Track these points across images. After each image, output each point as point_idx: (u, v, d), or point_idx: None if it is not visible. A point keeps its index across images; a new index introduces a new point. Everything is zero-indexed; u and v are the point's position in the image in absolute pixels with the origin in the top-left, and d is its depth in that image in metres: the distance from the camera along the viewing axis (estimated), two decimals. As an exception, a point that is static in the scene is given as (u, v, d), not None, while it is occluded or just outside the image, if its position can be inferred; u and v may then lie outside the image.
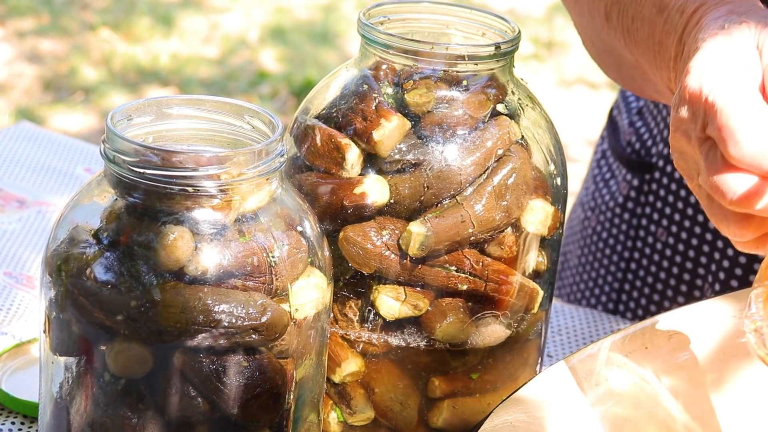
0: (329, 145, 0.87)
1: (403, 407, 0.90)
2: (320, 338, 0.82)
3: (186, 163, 0.75)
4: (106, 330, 0.75)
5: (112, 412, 0.77)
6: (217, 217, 0.76)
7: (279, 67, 3.81)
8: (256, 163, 0.76)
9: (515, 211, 0.88)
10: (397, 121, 0.86)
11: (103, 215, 0.77)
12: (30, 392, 0.97)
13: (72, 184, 1.36)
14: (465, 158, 0.87)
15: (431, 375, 0.89)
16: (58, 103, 3.50)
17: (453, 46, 0.87)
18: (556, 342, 1.15)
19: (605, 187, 1.36)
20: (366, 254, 0.86)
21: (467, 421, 0.90)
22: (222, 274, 0.75)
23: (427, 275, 0.87)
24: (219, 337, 0.75)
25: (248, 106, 0.81)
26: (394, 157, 0.87)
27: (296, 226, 0.80)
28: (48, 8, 4.04)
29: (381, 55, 0.88)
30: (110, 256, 0.76)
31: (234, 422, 0.77)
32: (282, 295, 0.78)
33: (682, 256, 1.26)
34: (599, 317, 1.20)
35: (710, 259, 1.23)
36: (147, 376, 0.76)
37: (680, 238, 1.25)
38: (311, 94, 0.92)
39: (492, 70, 0.88)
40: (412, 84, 0.87)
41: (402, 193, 0.86)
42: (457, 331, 0.88)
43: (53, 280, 0.77)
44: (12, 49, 3.78)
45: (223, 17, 4.13)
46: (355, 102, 0.88)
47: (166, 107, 0.81)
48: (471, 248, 0.87)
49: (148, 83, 3.65)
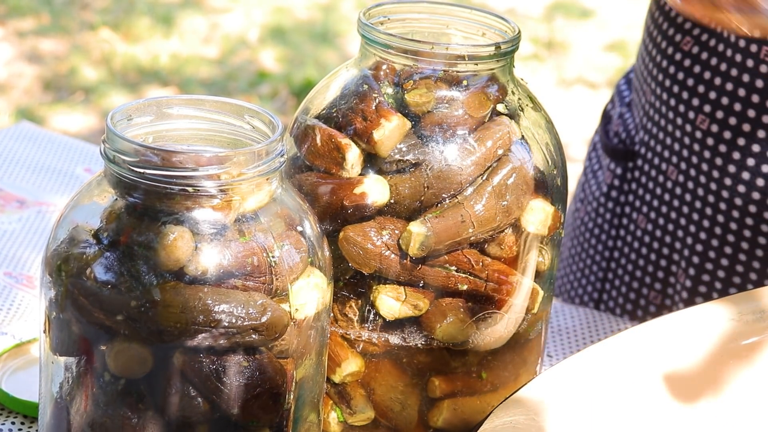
0: (329, 145, 0.87)
1: (403, 407, 0.90)
2: (320, 338, 0.82)
3: (186, 163, 0.75)
4: (106, 330, 0.75)
5: (112, 412, 0.77)
6: (217, 217, 0.76)
7: (279, 67, 3.81)
8: (256, 163, 0.76)
9: (515, 211, 0.88)
10: (397, 121, 0.86)
11: (103, 215, 0.77)
12: (30, 392, 0.97)
13: (72, 184, 1.36)
14: (465, 158, 0.87)
15: (431, 375, 0.89)
16: (58, 103, 3.50)
17: (453, 46, 0.87)
18: (556, 342, 1.15)
19: (593, 177, 1.38)
20: (366, 254, 0.86)
21: (467, 421, 0.90)
22: (222, 274, 0.75)
23: (427, 275, 0.87)
24: (219, 337, 0.75)
25: (248, 106, 0.81)
26: (394, 157, 0.87)
27: (296, 226, 0.80)
28: (48, 8, 4.04)
29: (381, 55, 0.88)
30: (110, 256, 0.76)
31: (234, 422, 0.77)
32: (282, 295, 0.78)
33: (660, 242, 1.27)
34: (599, 317, 1.20)
35: (684, 244, 1.24)
36: (147, 376, 0.76)
37: (658, 224, 1.27)
38: (311, 94, 0.92)
39: (492, 70, 0.88)
40: (412, 84, 0.87)
41: (402, 193, 0.86)
42: (457, 331, 0.88)
43: (53, 280, 0.77)
44: (12, 49, 3.78)
45: (223, 17, 4.13)
46: (355, 102, 0.88)
47: (166, 107, 0.81)
48: (471, 248, 0.87)
49: (148, 83, 3.65)
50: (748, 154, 1.15)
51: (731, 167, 1.17)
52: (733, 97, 1.16)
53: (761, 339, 0.90)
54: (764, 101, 1.15)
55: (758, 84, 1.14)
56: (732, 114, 1.17)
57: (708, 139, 1.18)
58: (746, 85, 1.15)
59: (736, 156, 1.17)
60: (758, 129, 1.14)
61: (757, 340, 0.90)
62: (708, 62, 1.19)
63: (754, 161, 1.15)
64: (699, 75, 1.19)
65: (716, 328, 0.91)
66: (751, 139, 1.15)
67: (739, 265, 1.19)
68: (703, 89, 1.19)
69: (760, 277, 1.19)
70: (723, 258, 1.20)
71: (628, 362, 0.88)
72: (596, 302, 1.36)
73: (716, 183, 1.19)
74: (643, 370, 0.88)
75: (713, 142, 1.18)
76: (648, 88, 1.26)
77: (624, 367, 0.88)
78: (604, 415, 0.86)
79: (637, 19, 4.27)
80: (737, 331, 0.90)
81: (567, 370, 0.87)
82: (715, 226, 1.20)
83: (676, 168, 1.22)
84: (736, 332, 0.90)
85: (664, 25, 1.24)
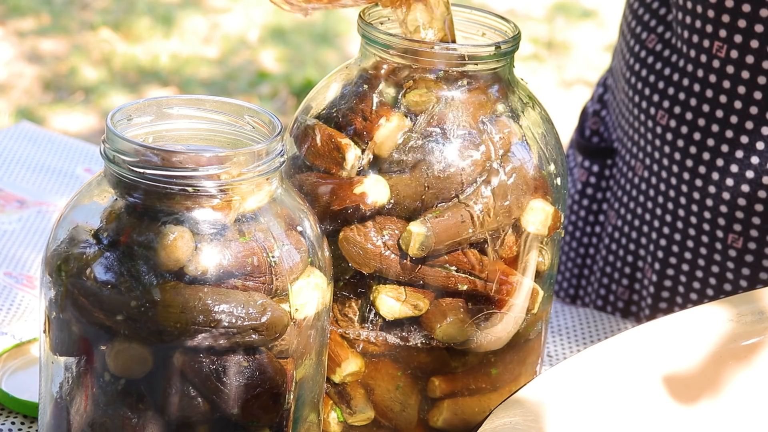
0: (329, 145, 0.87)
1: (403, 407, 0.90)
2: (320, 338, 0.82)
3: (186, 163, 0.75)
4: (106, 330, 0.75)
5: (112, 412, 0.77)
6: (217, 217, 0.76)
7: (279, 67, 3.81)
8: (256, 163, 0.76)
9: (515, 211, 0.88)
10: (397, 121, 0.86)
11: (103, 215, 0.77)
12: (30, 392, 0.97)
13: (72, 184, 1.36)
14: (465, 158, 0.87)
15: (431, 375, 0.89)
16: (58, 103, 3.50)
17: (453, 46, 0.87)
18: (556, 342, 1.15)
19: (569, 175, 1.39)
20: (366, 254, 0.86)
21: (467, 421, 0.90)
22: (222, 274, 0.75)
23: (427, 275, 0.87)
24: (219, 337, 0.75)
25: (248, 106, 0.81)
26: (394, 157, 0.87)
27: (296, 226, 0.80)
28: (48, 8, 4.04)
29: (381, 55, 0.88)
30: (110, 256, 0.76)
31: (234, 422, 0.77)
32: (282, 295, 0.78)
33: (627, 239, 1.28)
34: (599, 317, 1.20)
35: (649, 240, 1.24)
36: (147, 376, 0.76)
37: (626, 221, 1.28)
38: (311, 94, 0.92)
39: (492, 70, 0.88)
40: (412, 84, 0.87)
41: (402, 193, 0.86)
42: (457, 331, 0.88)
43: (53, 280, 0.77)
44: (12, 49, 3.78)
45: (223, 17, 4.13)
46: (355, 102, 0.88)
47: (166, 107, 0.81)
48: (471, 248, 0.87)
49: (148, 83, 3.65)
50: (717, 155, 1.16)
51: (688, 161, 1.18)
52: (689, 93, 1.17)
53: (761, 340, 0.90)
54: (717, 97, 1.15)
55: (711, 79, 1.15)
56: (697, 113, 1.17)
57: (668, 134, 1.19)
58: (701, 81, 1.16)
59: (692, 150, 1.17)
60: (726, 129, 1.15)
61: (756, 341, 0.90)
62: (669, 59, 1.20)
63: (723, 162, 1.16)
64: (660, 72, 1.20)
65: (716, 329, 0.91)
66: (720, 140, 1.15)
67: (701, 259, 1.20)
68: (662, 85, 1.19)
69: (722, 270, 1.19)
70: (686, 252, 1.21)
71: (628, 363, 0.88)
72: (572, 298, 1.37)
73: (676, 177, 1.20)
74: (643, 370, 0.88)
75: (683, 144, 1.18)
76: (620, 86, 1.27)
77: (624, 368, 0.88)
78: (604, 415, 0.86)
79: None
80: (737, 332, 0.90)
81: (567, 370, 0.87)
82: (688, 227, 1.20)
83: (642, 164, 1.24)
84: (736, 333, 0.90)
85: (633, 23, 1.26)
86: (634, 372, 0.88)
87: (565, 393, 0.85)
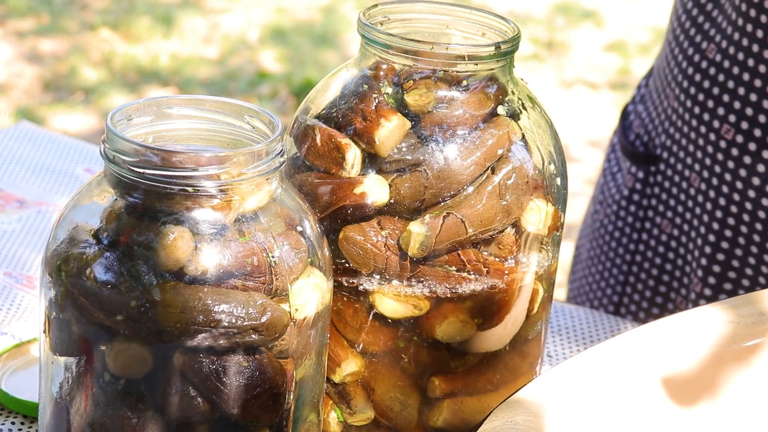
0: (329, 145, 0.87)
1: (403, 407, 0.90)
2: (320, 338, 0.82)
3: (186, 163, 0.75)
4: (106, 330, 0.75)
5: (112, 412, 0.77)
6: (217, 217, 0.76)
7: (279, 67, 3.81)
8: (256, 163, 0.76)
9: (515, 211, 0.88)
10: (397, 121, 0.86)
11: (103, 215, 0.77)
12: (30, 392, 0.97)
13: (72, 184, 1.36)
14: (465, 158, 0.87)
15: (431, 375, 0.89)
16: (58, 103, 3.50)
17: (453, 46, 0.87)
18: (556, 342, 1.15)
19: (612, 180, 1.37)
20: (366, 254, 0.86)
21: (467, 421, 0.90)
22: (222, 274, 0.75)
23: (427, 275, 0.87)
24: (219, 337, 0.75)
25: (248, 106, 0.81)
26: (394, 157, 0.87)
27: (296, 226, 0.80)
28: (48, 8, 4.04)
29: (381, 55, 0.88)
30: (110, 256, 0.76)
31: (234, 422, 0.77)
32: (282, 295, 0.78)
33: (684, 247, 1.27)
34: (600, 317, 1.20)
35: (702, 252, 1.24)
36: (147, 376, 0.76)
37: (683, 230, 1.26)
38: (311, 94, 0.92)
39: (492, 70, 0.88)
40: (412, 84, 0.87)
41: (402, 193, 0.86)
42: (457, 331, 0.88)
43: (53, 280, 0.77)
44: (12, 49, 3.78)
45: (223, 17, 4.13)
46: (355, 102, 0.88)
47: (166, 107, 0.81)
48: (471, 248, 0.87)
49: (148, 83, 3.65)
50: None
51: (755, 180, 1.17)
52: (757, 108, 1.16)
53: (761, 342, 0.90)
54: None
55: None
56: (756, 125, 1.16)
57: (733, 149, 1.18)
58: None
59: (761, 169, 1.16)
60: None
61: (756, 342, 0.90)
62: (731, 71, 1.18)
63: None
64: (723, 84, 1.18)
65: (716, 331, 0.91)
66: None
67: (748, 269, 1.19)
68: (727, 99, 1.18)
69: None
70: (734, 260, 1.20)
71: (628, 363, 0.88)
72: (616, 306, 1.35)
73: (739, 194, 1.18)
74: (643, 371, 0.88)
75: (738, 153, 1.17)
76: (671, 92, 1.25)
77: (624, 369, 0.88)
78: (604, 416, 0.86)
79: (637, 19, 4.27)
80: (737, 333, 0.90)
81: (567, 371, 0.87)
82: (739, 236, 1.19)
83: (698, 176, 1.22)
84: (736, 335, 0.90)
85: (692, 30, 1.23)
86: (635, 373, 0.88)
87: (565, 393, 0.85)
